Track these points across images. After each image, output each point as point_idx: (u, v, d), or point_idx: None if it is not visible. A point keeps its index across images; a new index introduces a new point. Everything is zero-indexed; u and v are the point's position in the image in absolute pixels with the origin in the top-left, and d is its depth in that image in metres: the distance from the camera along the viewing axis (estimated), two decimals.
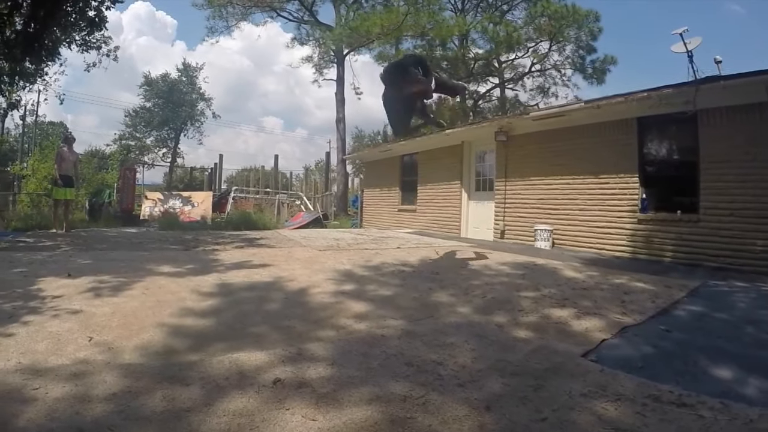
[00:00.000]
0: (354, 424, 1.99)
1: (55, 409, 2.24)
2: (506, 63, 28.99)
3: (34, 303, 4.19)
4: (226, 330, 3.34)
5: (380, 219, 16.44)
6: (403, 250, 7.77)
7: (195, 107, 34.97)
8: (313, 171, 38.19)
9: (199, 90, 35.27)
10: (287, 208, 20.43)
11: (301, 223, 16.15)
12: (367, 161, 19.63)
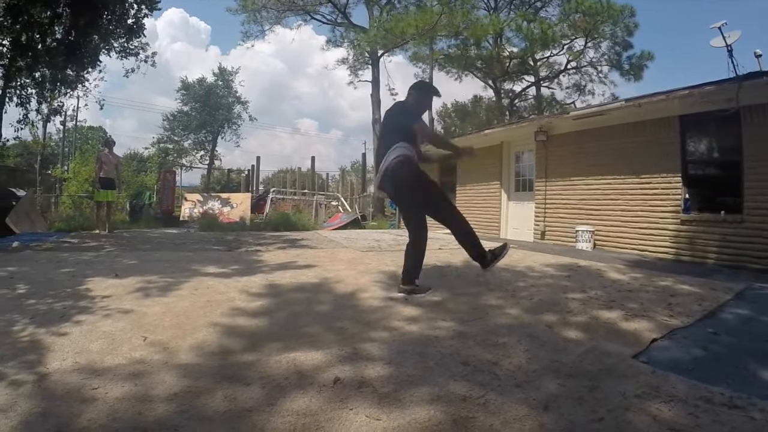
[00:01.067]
0: (418, 424, 2.02)
1: (117, 409, 2.28)
2: (541, 61, 28.73)
3: (84, 303, 4.31)
4: (279, 330, 3.39)
5: None
6: (445, 251, 7.81)
7: (231, 110, 35.62)
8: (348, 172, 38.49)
9: (235, 93, 35.96)
10: (325, 209, 20.59)
11: (339, 224, 16.26)
12: None
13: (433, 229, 5.34)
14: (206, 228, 14.67)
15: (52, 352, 3.02)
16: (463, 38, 25.60)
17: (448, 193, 14.50)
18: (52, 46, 14.16)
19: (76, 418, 2.19)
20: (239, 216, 18.26)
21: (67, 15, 13.20)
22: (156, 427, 2.09)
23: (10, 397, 2.39)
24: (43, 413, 2.23)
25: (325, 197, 22.50)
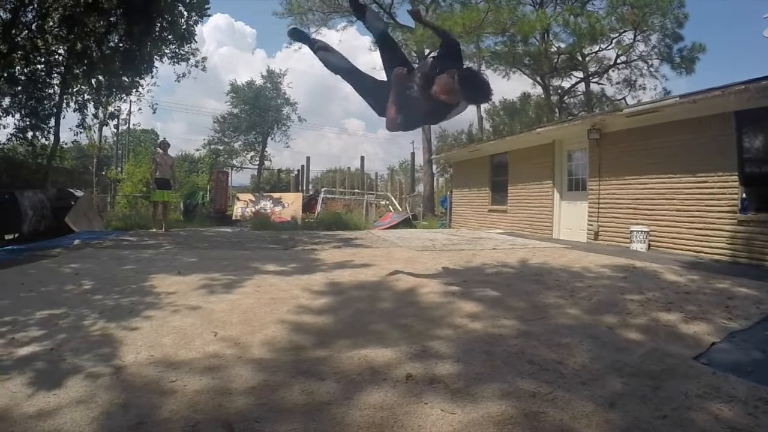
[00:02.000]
0: (491, 418, 2.12)
1: (197, 401, 2.38)
2: (590, 56, 28.09)
3: (151, 299, 4.51)
4: (346, 327, 3.51)
5: (470, 219, 16.34)
6: (499, 251, 7.80)
7: (280, 112, 36.12)
8: (397, 171, 38.62)
9: (283, 95, 36.42)
10: (375, 208, 20.74)
11: (390, 223, 16.36)
12: (455, 161, 19.51)
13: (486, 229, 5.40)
14: (259, 227, 14.98)
15: (125, 345, 3.17)
16: (510, 35, 25.28)
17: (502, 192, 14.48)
18: (107, 54, 14.74)
19: (157, 410, 2.31)
20: (291, 215, 18.57)
21: (122, 24, 13.72)
22: (237, 418, 2.20)
23: (89, 389, 2.52)
24: (124, 404, 2.36)
25: (375, 197, 22.64)
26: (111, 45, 14.98)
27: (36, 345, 3.23)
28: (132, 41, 14.18)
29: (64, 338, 3.36)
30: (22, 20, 13.19)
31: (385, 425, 2.10)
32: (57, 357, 3.00)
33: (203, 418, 2.22)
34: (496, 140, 14.73)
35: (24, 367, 2.82)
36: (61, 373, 2.73)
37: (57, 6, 13.39)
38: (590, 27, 23.85)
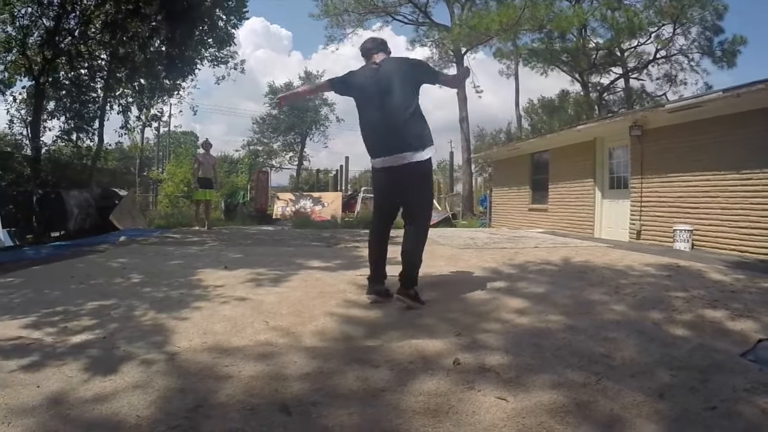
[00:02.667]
0: (543, 405, 2.20)
1: (253, 386, 2.47)
2: (629, 51, 27.71)
3: (199, 291, 4.69)
4: (394, 320, 3.62)
5: (510, 219, 16.34)
6: (541, 249, 7.82)
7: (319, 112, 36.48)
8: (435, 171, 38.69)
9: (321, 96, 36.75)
10: None
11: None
12: (495, 160, 19.49)
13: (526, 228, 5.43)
14: (300, 226, 15.25)
15: (177, 334, 3.31)
16: (547, 31, 25.13)
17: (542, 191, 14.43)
18: (150, 58, 15.21)
19: (214, 394, 2.39)
20: (330, 214, 18.81)
21: (164, 28, 14.11)
22: (294, 402, 2.29)
23: (145, 375, 2.63)
24: (181, 389, 2.45)
25: None
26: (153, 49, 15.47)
27: (89, 333, 3.40)
28: (174, 45, 14.59)
29: (116, 327, 3.53)
30: (65, 27, 13.64)
31: (440, 411, 2.18)
32: (110, 345, 3.14)
33: (260, 402, 2.30)
34: (537, 138, 14.69)
35: (78, 354, 2.96)
36: (116, 359, 2.86)
37: (98, 13, 13.82)
38: (628, 21, 23.54)
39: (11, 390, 2.45)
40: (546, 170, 14.42)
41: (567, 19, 22.59)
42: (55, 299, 4.45)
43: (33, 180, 12.69)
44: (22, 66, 13.68)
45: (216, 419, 2.15)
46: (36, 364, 2.80)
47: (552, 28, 24.03)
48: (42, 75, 13.21)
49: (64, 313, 3.92)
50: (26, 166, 13.12)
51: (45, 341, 3.23)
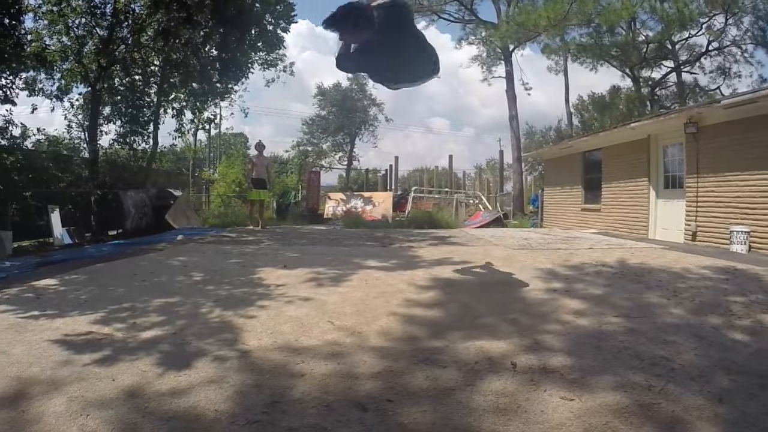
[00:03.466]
0: (608, 406, 2.30)
1: (326, 384, 2.60)
2: (680, 43, 26.79)
3: (261, 290, 4.86)
4: (456, 320, 3.73)
5: (562, 219, 16.10)
6: (596, 251, 7.79)
7: (367, 112, 36.73)
8: (484, 170, 38.48)
9: (369, 96, 37.00)
10: (465, 207, 20.83)
11: (481, 222, 16.41)
12: (546, 159, 19.25)
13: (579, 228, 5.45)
14: (352, 225, 15.39)
15: (246, 332, 3.48)
16: (596, 26, 24.64)
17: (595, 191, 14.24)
18: (203, 63, 15.72)
19: (289, 391, 2.53)
20: (381, 214, 18.98)
21: (216, 34, 14.55)
22: (368, 400, 2.41)
23: (219, 371, 2.79)
24: (256, 385, 2.60)
25: (464, 195, 22.71)
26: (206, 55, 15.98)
27: (158, 329, 3.58)
28: (226, 50, 15.03)
29: (185, 324, 3.72)
30: (119, 35, 14.18)
31: (509, 410, 2.30)
32: (181, 341, 3.33)
33: (335, 399, 2.44)
34: (589, 136, 14.46)
35: (150, 349, 3.15)
36: (188, 355, 3.04)
37: (150, 21, 14.31)
38: (678, 12, 22.78)
39: (87, 383, 2.65)
40: (599, 169, 14.11)
41: (615, 12, 21.98)
42: (120, 296, 4.70)
43: (91, 181, 13.25)
44: (79, 73, 14.32)
45: (293, 415, 2.29)
46: (109, 358, 3.01)
47: (600, 22, 23.51)
48: (98, 82, 13.82)
49: (132, 310, 4.15)
50: (84, 168, 13.66)
51: (116, 336, 3.45)
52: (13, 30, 9.39)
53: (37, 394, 2.52)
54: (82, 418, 2.29)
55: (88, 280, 5.67)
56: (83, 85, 14.76)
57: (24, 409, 2.38)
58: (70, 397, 2.49)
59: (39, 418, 2.29)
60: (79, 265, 6.89)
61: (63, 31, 13.87)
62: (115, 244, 10.24)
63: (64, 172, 12.92)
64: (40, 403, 2.42)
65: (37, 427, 2.22)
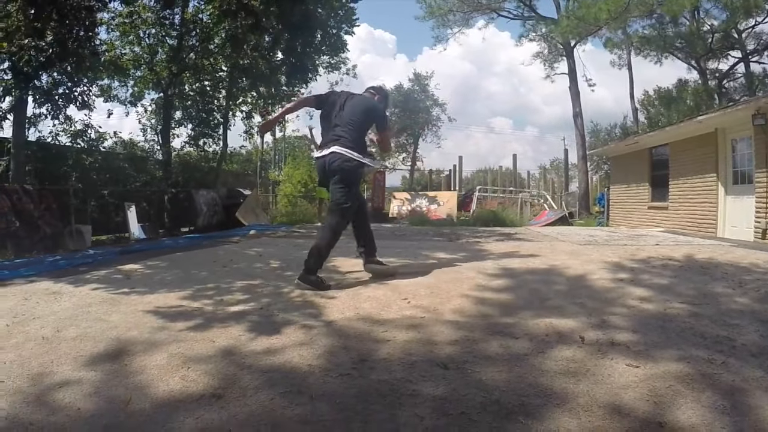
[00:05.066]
0: (671, 373, 2.50)
1: (408, 348, 2.89)
2: (747, 32, 25.74)
3: (338, 276, 5.21)
4: (525, 303, 3.94)
5: (628, 217, 15.86)
6: (663, 247, 7.81)
7: (430, 113, 36.92)
8: (548, 170, 38.15)
9: (432, 96, 37.17)
10: (530, 206, 20.85)
11: (546, 221, 16.52)
12: (611, 156, 19.04)
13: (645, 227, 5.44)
14: (417, 223, 15.82)
15: (328, 308, 3.80)
16: (658, 16, 24.10)
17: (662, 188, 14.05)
18: (271, 67, 16.37)
19: (375, 352, 2.84)
20: (446, 213, 19.28)
21: (283, 40, 15.14)
22: (448, 360, 2.71)
23: (308, 336, 3.13)
24: (344, 347, 2.93)
25: (530, 195, 22.69)
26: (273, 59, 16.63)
27: (244, 305, 3.95)
28: (294, 54, 15.64)
29: (269, 301, 4.08)
30: (188, 44, 15.03)
31: (578, 372, 2.55)
32: (268, 313, 3.70)
33: (418, 359, 2.73)
34: (655, 132, 14.21)
35: (240, 319, 3.51)
36: (276, 324, 3.41)
37: (218, 29, 15.05)
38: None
39: (184, 344, 3.03)
40: (666, 166, 13.86)
41: (678, 2, 21.33)
42: (204, 278, 5.17)
43: (164, 181, 14.17)
44: (151, 80, 15.32)
45: (381, 370, 2.60)
46: (202, 325, 3.40)
47: (663, 13, 22.98)
48: (169, 87, 14.72)
49: (217, 289, 4.58)
50: (158, 169, 14.60)
51: (205, 309, 3.85)
52: (89, 41, 10.09)
53: (137, 352, 2.91)
54: (183, 369, 2.65)
55: (170, 266, 6.20)
56: (155, 91, 15.83)
57: (127, 363, 2.76)
58: (170, 354, 2.87)
59: (142, 370, 2.66)
60: (159, 253, 7.55)
61: (135, 41, 14.91)
62: (190, 237, 11.04)
63: (139, 172, 13.88)
64: (142, 359, 2.81)
65: (141, 376, 2.58)
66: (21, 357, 2.86)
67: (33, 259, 7.43)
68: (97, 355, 2.90)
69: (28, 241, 8.93)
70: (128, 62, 15.01)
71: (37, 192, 9.64)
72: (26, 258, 7.65)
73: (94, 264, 6.64)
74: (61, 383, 2.51)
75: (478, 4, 26.76)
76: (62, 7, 9.14)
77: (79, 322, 3.50)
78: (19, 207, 9.04)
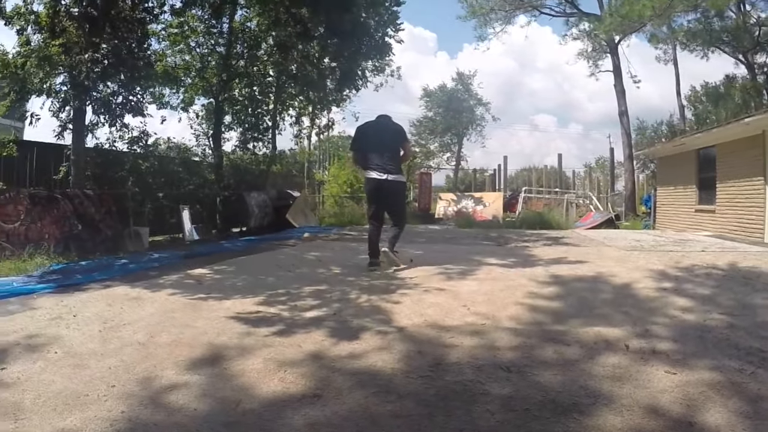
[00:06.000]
0: (703, 381, 2.84)
1: (474, 353, 3.27)
2: None
3: (397, 282, 5.58)
4: (574, 311, 4.32)
5: (675, 220, 15.70)
6: (708, 254, 7.96)
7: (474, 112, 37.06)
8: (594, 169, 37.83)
9: (475, 95, 37.31)
10: (575, 207, 20.91)
11: (592, 223, 16.51)
12: (658, 157, 18.79)
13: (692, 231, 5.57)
14: (464, 225, 16.06)
15: (395, 314, 4.22)
16: (703, 10, 23.66)
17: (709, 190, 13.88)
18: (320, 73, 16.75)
19: (446, 357, 3.23)
20: (492, 214, 19.52)
21: (332, 47, 15.58)
22: (510, 364, 3.11)
23: (384, 341, 3.55)
24: (419, 352, 3.31)
25: (575, 196, 22.69)
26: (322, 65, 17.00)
27: (317, 311, 4.33)
28: (342, 60, 16.07)
29: (340, 307, 4.47)
30: (237, 51, 15.57)
31: (622, 377, 2.94)
32: (342, 319, 4.11)
33: (484, 363, 3.13)
34: (702, 134, 14.07)
35: (318, 325, 3.88)
36: (353, 330, 3.78)
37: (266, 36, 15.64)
38: None
39: (274, 349, 3.44)
40: (713, 168, 13.67)
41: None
42: (273, 284, 5.60)
43: (217, 183, 14.69)
44: (201, 87, 15.91)
45: (454, 373, 3.01)
46: (285, 331, 3.79)
47: (708, 6, 22.57)
48: (220, 94, 15.25)
49: (288, 295, 5.01)
50: (210, 172, 15.09)
51: (283, 315, 4.27)
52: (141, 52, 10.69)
53: (232, 357, 3.27)
54: (281, 372, 3.03)
55: (237, 270, 6.66)
56: (205, 97, 16.41)
57: (226, 367, 3.12)
58: (264, 358, 3.23)
59: (242, 373, 3.01)
60: (222, 257, 7.99)
61: (185, 50, 15.51)
62: (246, 240, 11.57)
63: (192, 175, 14.39)
64: (239, 363, 3.17)
65: (242, 379, 2.93)
66: (124, 362, 3.18)
67: (101, 262, 7.98)
68: (195, 359, 3.25)
69: (90, 243, 9.37)
70: (179, 70, 15.60)
71: (97, 196, 10.09)
72: (90, 260, 8.17)
73: (162, 268, 7.16)
74: (169, 386, 2.84)
75: (520, 2, 26.77)
76: (115, 21, 9.77)
77: (169, 328, 3.88)
78: (80, 211, 9.51)
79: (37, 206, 8.90)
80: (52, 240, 8.78)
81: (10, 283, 5.93)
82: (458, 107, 36.70)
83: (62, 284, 5.82)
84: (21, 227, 8.64)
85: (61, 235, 9.07)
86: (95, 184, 10.90)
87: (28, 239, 8.55)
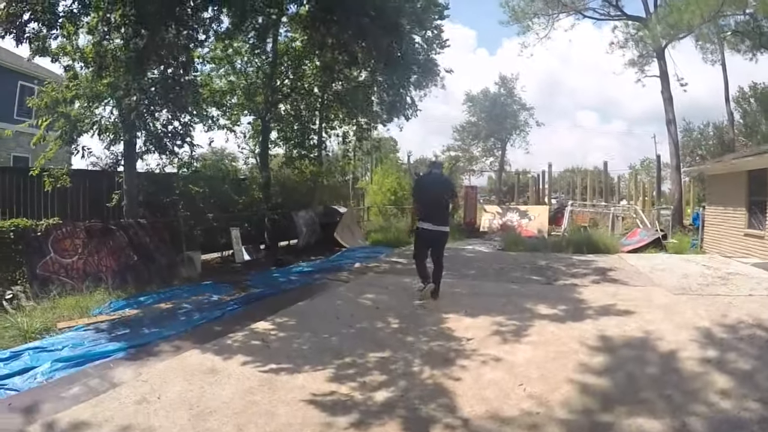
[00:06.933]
0: None
1: None
2: None
3: (454, 344, 5.90)
4: (621, 393, 4.61)
5: (722, 243, 15.29)
6: (755, 300, 7.94)
7: (517, 118, 37.09)
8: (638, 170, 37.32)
9: (519, 100, 37.32)
10: (621, 221, 20.91)
11: (639, 243, 16.39)
12: (708, 174, 18.40)
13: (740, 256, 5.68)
14: (511, 245, 16.28)
15: (458, 396, 4.53)
16: (750, 13, 23.24)
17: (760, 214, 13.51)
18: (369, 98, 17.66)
19: None
20: (537, 228, 19.73)
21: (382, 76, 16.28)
22: None
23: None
24: None
25: (621, 210, 22.48)
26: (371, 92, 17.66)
27: (385, 391, 4.61)
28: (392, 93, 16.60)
29: (406, 386, 4.74)
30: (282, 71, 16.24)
31: None
32: (410, 405, 4.33)
33: None
34: (752, 157, 13.76)
35: (390, 413, 4.17)
36: (423, 422, 4.08)
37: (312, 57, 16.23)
38: None
39: None
40: (764, 191, 13.14)
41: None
42: (336, 347, 5.91)
43: (265, 202, 15.24)
44: (246, 107, 16.41)
45: None
46: (362, 422, 4.04)
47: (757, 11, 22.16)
48: (266, 113, 15.84)
49: (354, 366, 5.30)
50: (258, 191, 15.59)
51: (356, 398, 4.48)
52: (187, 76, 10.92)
53: None
54: None
55: (299, 325, 6.87)
56: (251, 116, 16.90)
57: None
58: None
59: None
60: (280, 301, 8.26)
61: (231, 72, 16.06)
62: (299, 272, 11.66)
63: (240, 195, 14.93)
64: None
65: None
66: None
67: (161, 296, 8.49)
68: None
69: (146, 273, 9.77)
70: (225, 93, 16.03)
71: (150, 225, 10.47)
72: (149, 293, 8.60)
73: (225, 319, 7.36)
74: None
75: (562, 6, 26.70)
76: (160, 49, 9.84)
77: (255, 419, 4.12)
78: (135, 241, 9.90)
79: (93, 239, 9.29)
80: (109, 272, 9.20)
81: (81, 341, 6.09)
82: (501, 113, 36.76)
83: (133, 345, 6.01)
84: (79, 261, 9.01)
85: (118, 267, 9.48)
86: (147, 209, 11.33)
87: (86, 273, 8.95)
